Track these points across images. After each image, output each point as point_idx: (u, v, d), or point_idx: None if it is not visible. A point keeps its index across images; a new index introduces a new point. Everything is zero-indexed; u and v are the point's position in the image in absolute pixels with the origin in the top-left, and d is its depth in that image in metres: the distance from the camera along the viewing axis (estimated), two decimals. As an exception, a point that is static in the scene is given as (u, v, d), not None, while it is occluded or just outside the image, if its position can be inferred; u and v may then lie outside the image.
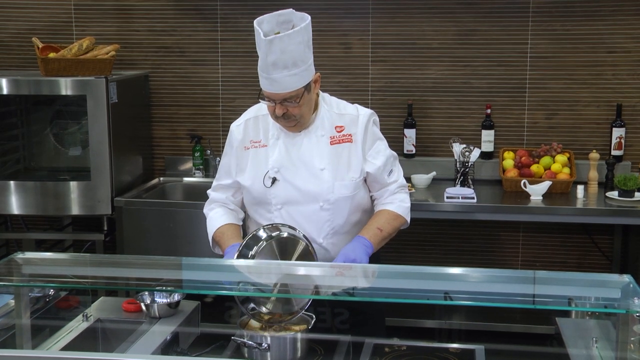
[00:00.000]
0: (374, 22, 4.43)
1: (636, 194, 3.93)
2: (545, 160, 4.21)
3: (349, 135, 2.63)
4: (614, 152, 4.29)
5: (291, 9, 2.52)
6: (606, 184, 4.15)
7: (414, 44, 4.43)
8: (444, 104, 4.46)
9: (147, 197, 4.25)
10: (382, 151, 2.68)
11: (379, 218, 2.67)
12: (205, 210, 2.82)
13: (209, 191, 2.83)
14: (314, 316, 2.36)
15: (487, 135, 4.37)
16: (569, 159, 4.22)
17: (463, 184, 4.17)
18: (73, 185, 4.12)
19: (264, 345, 2.20)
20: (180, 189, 4.57)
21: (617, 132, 4.27)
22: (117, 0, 4.59)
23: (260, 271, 2.55)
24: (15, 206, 4.15)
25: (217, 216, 2.75)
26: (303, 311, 2.35)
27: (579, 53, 4.32)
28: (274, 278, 2.50)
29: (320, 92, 2.69)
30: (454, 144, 4.25)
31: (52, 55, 4.15)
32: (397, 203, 2.70)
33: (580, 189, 4.01)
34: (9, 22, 4.69)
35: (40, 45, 4.19)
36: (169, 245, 4.02)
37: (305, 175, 2.60)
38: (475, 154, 4.19)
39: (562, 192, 4.09)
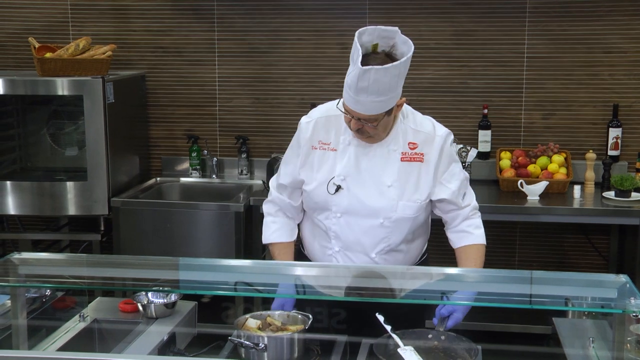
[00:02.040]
0: (371, 23, 4.42)
1: (633, 194, 3.94)
2: (542, 160, 4.21)
3: (421, 154, 2.54)
4: (611, 152, 4.29)
5: (397, 28, 2.42)
6: (603, 184, 4.16)
7: (410, 44, 4.42)
8: (441, 104, 4.46)
9: (143, 198, 4.24)
10: (456, 174, 2.59)
11: (476, 261, 2.60)
12: (265, 208, 2.71)
13: (271, 185, 2.71)
14: (310, 316, 2.36)
15: (484, 136, 4.37)
16: (565, 159, 4.23)
17: (460, 184, 4.16)
18: (69, 185, 4.12)
19: (261, 345, 2.20)
20: (177, 189, 4.56)
21: (614, 132, 4.28)
22: (114, 0, 4.59)
23: (257, 271, 2.55)
24: (11, 206, 4.15)
25: (274, 227, 2.67)
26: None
27: (575, 53, 4.32)
28: (271, 278, 2.50)
29: None
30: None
31: (48, 55, 4.14)
32: (475, 232, 2.63)
33: (577, 189, 4.02)
34: (5, 22, 4.68)
35: (37, 45, 4.18)
36: (166, 245, 4.02)
37: (371, 188, 2.52)
38: (472, 154, 4.19)
39: (558, 192, 4.09)
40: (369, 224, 2.53)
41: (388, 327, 2.23)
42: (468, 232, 2.62)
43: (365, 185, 2.53)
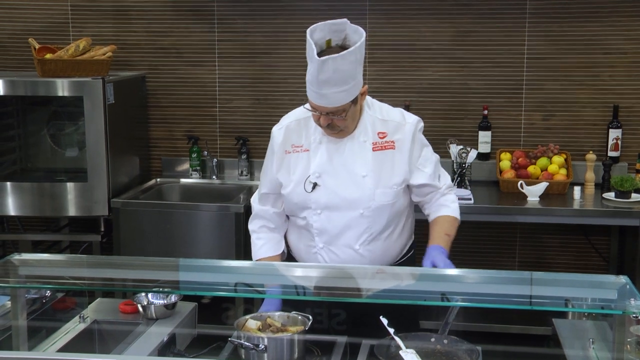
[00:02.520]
0: (371, 24, 4.43)
1: (633, 195, 3.94)
2: (542, 161, 4.21)
3: (392, 142, 2.61)
4: (611, 153, 4.30)
5: (345, 19, 2.50)
6: (603, 185, 4.16)
7: (411, 45, 4.43)
8: (441, 105, 4.46)
9: (144, 198, 4.24)
10: (429, 158, 2.67)
11: (443, 224, 2.66)
12: (249, 227, 2.79)
13: (253, 201, 2.79)
14: (310, 317, 2.36)
15: (484, 137, 4.37)
16: (565, 160, 4.23)
17: (460, 185, 4.17)
18: (70, 186, 4.12)
19: (261, 346, 2.20)
20: (177, 190, 4.56)
21: (614, 133, 4.28)
22: (114, 1, 4.59)
23: (257, 272, 2.55)
24: (11, 207, 4.15)
25: (260, 244, 2.74)
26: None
27: (575, 54, 4.32)
28: (271, 279, 2.50)
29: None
30: (450, 145, 4.26)
31: (48, 56, 4.14)
32: (451, 206, 2.71)
33: (577, 190, 4.02)
34: (5, 22, 4.68)
35: (37, 46, 4.18)
36: (166, 246, 4.02)
37: (347, 181, 2.58)
38: (472, 155, 4.19)
39: (558, 193, 4.09)
40: (349, 216, 2.58)
41: (391, 330, 2.23)
42: (445, 205, 2.71)
43: (340, 179, 2.58)
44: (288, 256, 2.78)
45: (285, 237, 2.78)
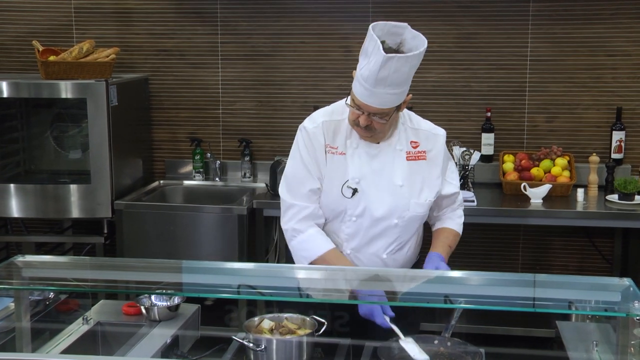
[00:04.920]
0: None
1: (636, 197, 3.93)
2: (545, 163, 4.21)
3: (424, 152, 2.61)
4: (614, 155, 4.29)
5: (406, 24, 2.45)
6: (606, 187, 4.16)
7: (414, 47, 4.42)
8: (444, 107, 4.46)
9: (147, 200, 4.25)
10: (454, 170, 2.73)
11: (448, 236, 2.70)
12: (296, 226, 2.56)
13: (293, 200, 2.56)
14: (325, 322, 2.34)
15: (487, 139, 4.37)
16: (569, 162, 4.23)
17: (463, 187, 4.16)
18: (73, 188, 4.12)
19: (263, 346, 2.20)
20: (180, 192, 4.57)
21: (617, 135, 4.28)
22: (117, 4, 4.60)
23: (260, 274, 2.55)
24: (15, 209, 4.15)
25: (317, 238, 2.54)
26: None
27: (578, 56, 4.32)
28: (274, 281, 2.50)
29: None
30: (454, 147, 4.25)
31: (52, 58, 4.15)
32: (458, 221, 2.75)
33: (580, 192, 4.02)
34: (9, 25, 4.70)
35: (41, 48, 4.19)
36: (169, 248, 4.02)
37: (385, 190, 2.55)
38: (475, 157, 4.19)
39: (562, 195, 4.09)
40: (384, 224, 2.56)
41: (399, 333, 2.24)
42: (453, 218, 2.75)
43: (378, 187, 2.55)
44: None
45: None
